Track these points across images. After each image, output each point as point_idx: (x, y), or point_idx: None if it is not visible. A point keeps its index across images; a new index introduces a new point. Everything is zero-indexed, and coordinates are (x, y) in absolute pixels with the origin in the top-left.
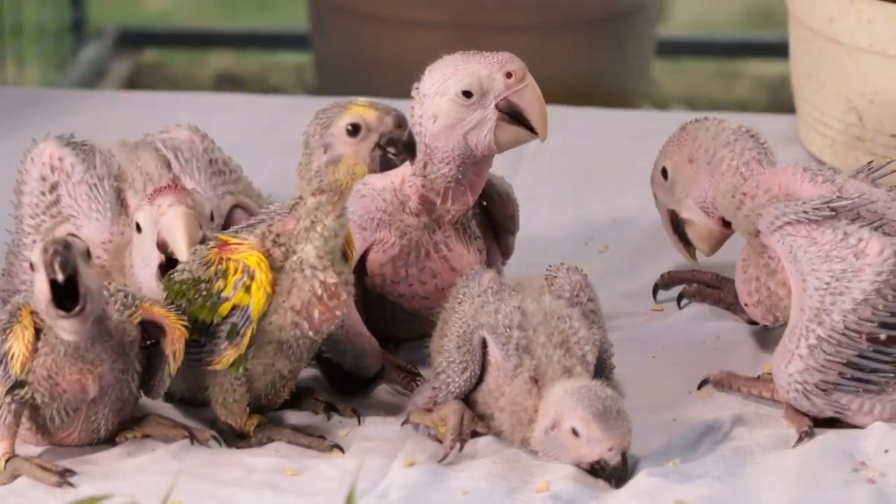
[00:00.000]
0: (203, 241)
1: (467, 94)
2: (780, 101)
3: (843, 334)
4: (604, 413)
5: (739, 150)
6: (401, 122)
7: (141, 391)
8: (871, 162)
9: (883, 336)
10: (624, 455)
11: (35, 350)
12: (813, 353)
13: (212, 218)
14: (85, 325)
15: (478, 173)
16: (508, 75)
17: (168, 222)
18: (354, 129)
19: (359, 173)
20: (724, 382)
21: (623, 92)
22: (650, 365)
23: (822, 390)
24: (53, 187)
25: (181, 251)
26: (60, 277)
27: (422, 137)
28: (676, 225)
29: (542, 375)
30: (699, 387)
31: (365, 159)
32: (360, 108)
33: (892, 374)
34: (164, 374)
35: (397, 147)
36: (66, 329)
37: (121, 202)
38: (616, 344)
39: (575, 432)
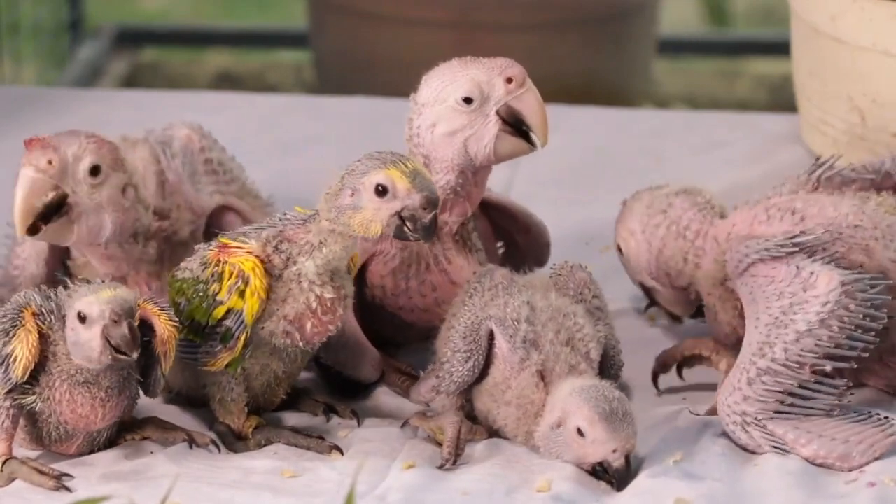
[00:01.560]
0: (55, 207)
1: (468, 100)
2: (782, 99)
3: (784, 365)
4: (610, 414)
5: (675, 215)
6: (428, 204)
7: (139, 386)
8: (818, 158)
9: (828, 368)
10: (627, 458)
11: (40, 355)
12: (752, 384)
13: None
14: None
15: (477, 183)
16: (509, 80)
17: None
18: (382, 191)
19: (372, 230)
20: (666, 363)
21: (624, 91)
22: (651, 365)
23: (760, 420)
24: None
25: (15, 218)
26: (135, 356)
27: (420, 149)
28: (648, 294)
29: (549, 372)
30: (656, 384)
31: (382, 221)
32: (396, 173)
33: (836, 402)
34: (157, 374)
35: (415, 225)
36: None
37: None
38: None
39: (580, 432)
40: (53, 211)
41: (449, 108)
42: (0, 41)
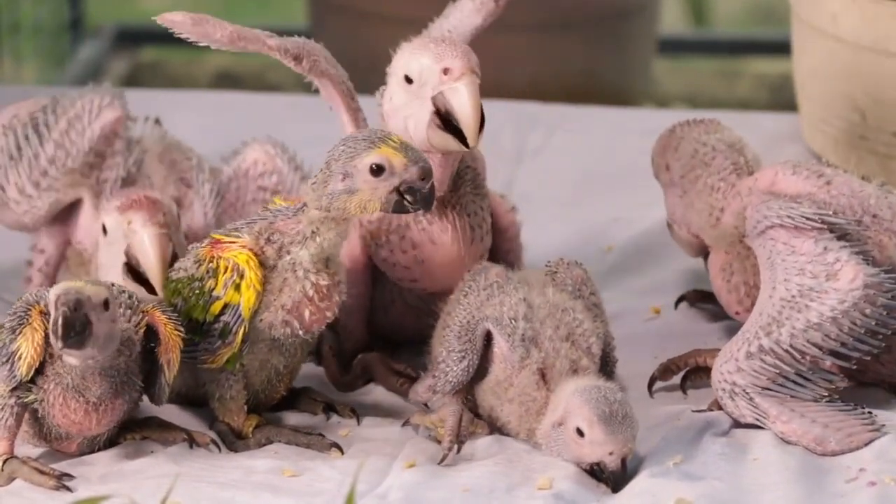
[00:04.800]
0: (174, 257)
1: (408, 79)
2: (783, 99)
3: (786, 351)
4: (609, 417)
5: (717, 167)
6: (425, 175)
7: (144, 395)
8: None
9: (828, 363)
10: (624, 460)
11: (44, 354)
12: (750, 359)
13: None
14: (86, 358)
15: (439, 164)
16: (445, 71)
17: (140, 244)
18: (378, 170)
19: (369, 209)
20: (669, 369)
21: (624, 90)
22: (652, 365)
23: (748, 394)
24: (99, 154)
25: (155, 275)
26: (60, 346)
27: (383, 113)
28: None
29: (549, 368)
30: (651, 389)
31: (380, 199)
32: (390, 151)
33: (826, 395)
34: (162, 382)
35: (415, 197)
36: (70, 357)
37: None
38: (618, 343)
39: (579, 432)
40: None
41: (396, 82)
42: (0, 40)
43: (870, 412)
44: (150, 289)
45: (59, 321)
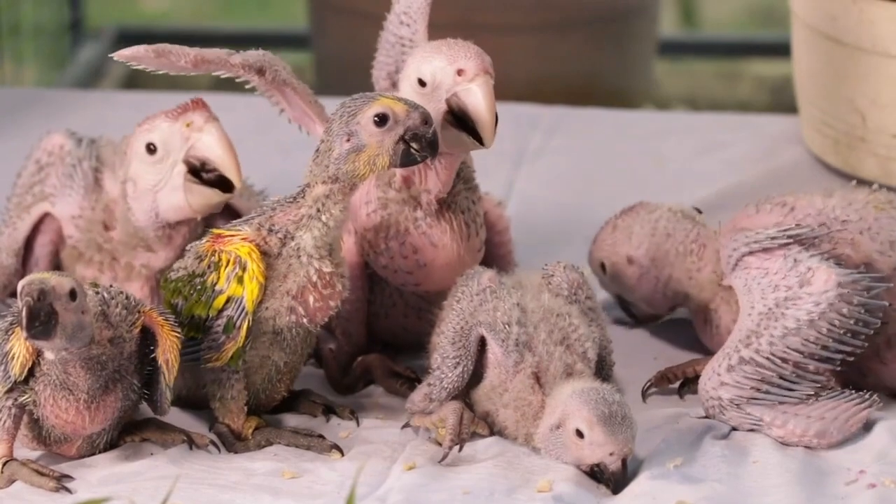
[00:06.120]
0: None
1: (421, 83)
2: (783, 101)
3: (767, 359)
4: (609, 417)
5: (682, 236)
6: (427, 119)
7: (145, 403)
8: None
9: (811, 367)
10: (624, 461)
11: (36, 353)
12: (731, 371)
13: None
14: (58, 349)
15: (445, 165)
16: (459, 72)
17: (209, 137)
18: (382, 120)
19: (379, 164)
20: (665, 377)
21: (624, 92)
22: (652, 367)
23: (736, 405)
24: (42, 168)
25: (229, 163)
26: (26, 335)
27: None
28: (623, 301)
29: (544, 372)
30: (644, 397)
31: (388, 151)
32: (389, 101)
33: (812, 393)
34: (162, 387)
35: (420, 143)
36: (43, 349)
37: (96, 181)
38: (617, 345)
39: (578, 433)
40: None
41: (409, 85)
42: (1, 42)
43: (855, 391)
44: (225, 185)
45: (24, 311)
